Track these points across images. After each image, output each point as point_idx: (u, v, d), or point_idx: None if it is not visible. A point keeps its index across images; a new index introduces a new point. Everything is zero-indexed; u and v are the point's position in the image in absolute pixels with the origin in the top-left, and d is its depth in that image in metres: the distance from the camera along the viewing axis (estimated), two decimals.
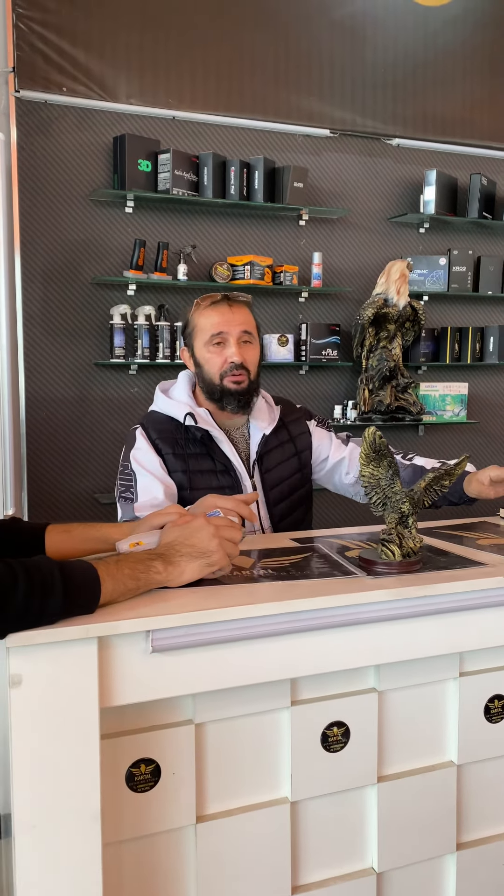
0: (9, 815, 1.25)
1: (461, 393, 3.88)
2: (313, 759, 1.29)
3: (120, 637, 1.07)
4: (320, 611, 1.16)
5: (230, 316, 1.81)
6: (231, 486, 1.81)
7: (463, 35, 3.93)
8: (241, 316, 1.82)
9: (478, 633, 1.33)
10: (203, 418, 1.82)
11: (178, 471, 1.78)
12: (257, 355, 1.87)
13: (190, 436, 1.81)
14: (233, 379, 1.80)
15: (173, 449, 1.80)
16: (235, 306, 1.83)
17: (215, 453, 1.81)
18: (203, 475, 1.78)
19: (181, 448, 1.80)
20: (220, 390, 1.81)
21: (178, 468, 1.78)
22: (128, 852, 1.18)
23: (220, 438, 1.82)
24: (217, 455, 1.81)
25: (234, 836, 1.25)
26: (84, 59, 3.21)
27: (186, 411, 1.81)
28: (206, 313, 1.83)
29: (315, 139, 3.67)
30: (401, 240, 3.90)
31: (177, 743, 1.20)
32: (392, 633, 1.26)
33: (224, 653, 1.14)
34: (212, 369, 1.82)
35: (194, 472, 1.78)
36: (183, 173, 3.27)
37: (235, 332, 1.81)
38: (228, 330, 1.80)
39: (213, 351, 1.81)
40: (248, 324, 1.84)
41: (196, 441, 1.81)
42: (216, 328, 1.80)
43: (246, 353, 1.83)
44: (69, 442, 3.32)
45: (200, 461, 1.80)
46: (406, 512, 1.31)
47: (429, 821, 1.40)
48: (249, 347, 1.84)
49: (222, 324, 1.80)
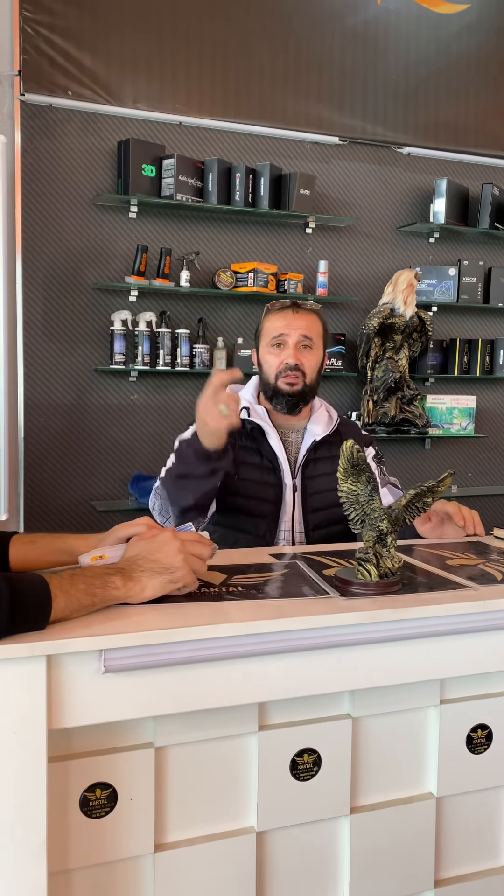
0: None
1: (469, 406, 3.80)
2: (282, 788, 1.23)
3: (70, 656, 1.02)
4: (286, 633, 1.10)
5: (292, 321, 1.89)
6: (274, 483, 1.87)
7: (477, 42, 3.87)
8: (303, 322, 1.90)
9: (458, 659, 1.26)
10: (258, 413, 1.91)
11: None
12: (316, 361, 1.92)
13: (244, 429, 1.88)
14: (286, 380, 1.88)
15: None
16: (301, 313, 1.90)
17: (264, 449, 1.89)
18: (249, 467, 1.87)
19: (232, 438, 1.82)
20: (272, 390, 1.90)
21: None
22: (81, 881, 1.13)
23: (271, 434, 1.88)
24: (265, 451, 1.89)
25: (196, 866, 1.19)
26: (90, 63, 3.19)
27: (244, 405, 1.88)
28: (272, 317, 1.92)
29: (324, 146, 3.63)
30: (410, 249, 3.84)
31: (135, 767, 1.14)
32: (366, 657, 1.19)
33: (183, 674, 1.08)
34: (269, 370, 1.90)
35: (241, 463, 1.85)
36: (187, 179, 3.24)
37: (295, 336, 1.88)
38: (289, 333, 1.89)
39: (272, 352, 1.91)
40: (309, 329, 1.90)
41: (247, 434, 1.89)
42: (277, 331, 1.90)
43: (304, 357, 1.89)
44: (67, 448, 3.29)
45: (249, 454, 1.88)
46: (384, 530, 1.25)
47: (405, 855, 1.33)
48: (308, 352, 1.90)
49: (284, 327, 1.89)
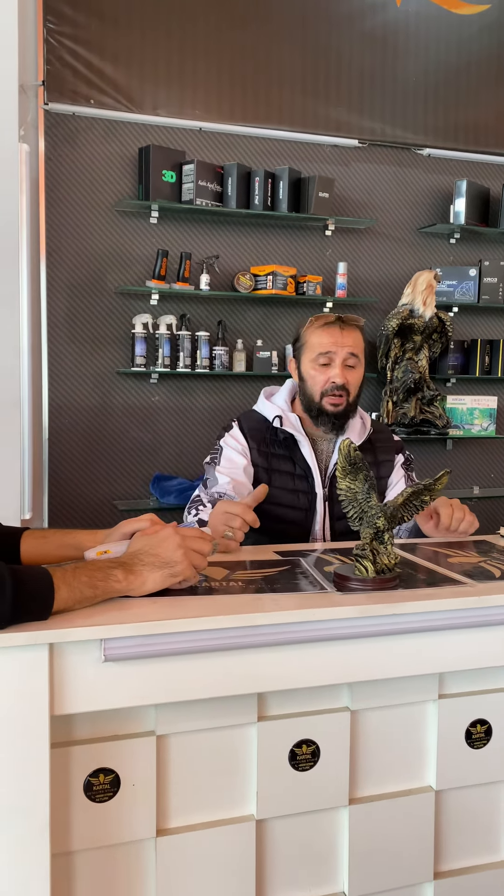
0: None
1: (490, 407, 3.79)
2: (281, 778, 1.26)
3: (72, 645, 1.07)
4: (280, 626, 1.14)
5: (339, 338, 1.88)
6: (306, 490, 1.91)
7: (498, 42, 3.87)
8: (350, 339, 1.89)
9: (454, 654, 1.28)
10: (291, 422, 1.92)
11: (259, 465, 1.90)
12: (360, 378, 1.95)
13: (277, 437, 1.91)
14: (331, 400, 1.88)
15: (259, 446, 1.92)
16: (347, 329, 1.89)
17: (296, 457, 1.91)
18: (282, 475, 1.89)
19: (266, 447, 1.92)
20: (317, 408, 1.90)
21: (259, 463, 1.90)
22: (83, 863, 1.17)
23: (304, 443, 1.91)
24: (298, 459, 1.92)
25: (197, 851, 1.23)
26: (112, 72, 3.26)
27: (277, 413, 1.92)
28: (318, 332, 1.90)
29: (343, 149, 3.65)
30: (430, 250, 3.85)
31: (137, 754, 1.18)
32: (362, 650, 1.22)
33: (181, 664, 1.13)
34: (314, 386, 1.90)
35: (274, 471, 1.90)
36: (207, 184, 3.29)
37: (342, 354, 1.88)
38: (336, 351, 1.88)
39: (318, 369, 1.89)
40: (356, 347, 1.90)
41: (280, 443, 1.92)
42: (324, 348, 1.88)
43: (349, 376, 1.90)
44: (90, 449, 3.36)
45: (282, 462, 1.91)
46: (381, 527, 1.28)
47: (405, 847, 1.35)
48: (353, 371, 1.92)
49: (331, 344, 1.87)
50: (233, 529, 1.54)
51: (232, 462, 1.88)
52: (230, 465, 1.88)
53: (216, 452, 1.93)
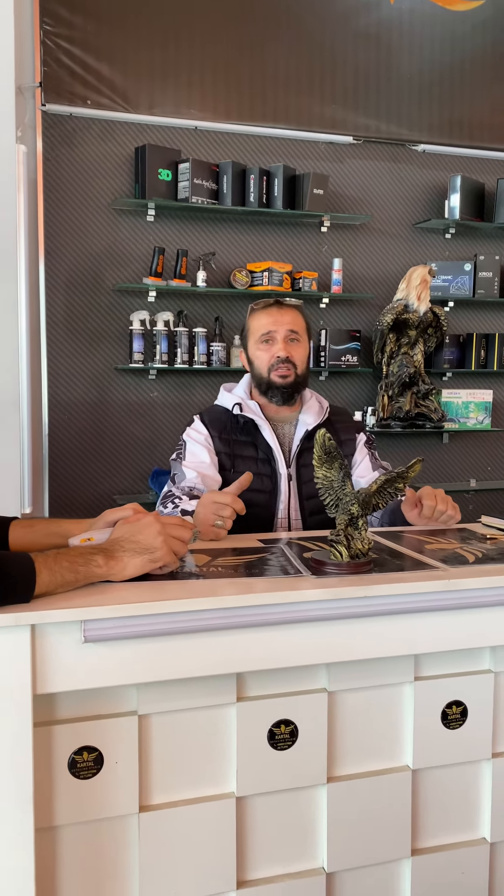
0: None
1: (485, 400, 3.82)
2: (260, 756, 1.31)
3: (54, 626, 1.11)
4: (254, 608, 1.18)
5: (278, 317, 1.98)
6: (270, 473, 1.95)
7: (492, 39, 3.89)
8: (288, 317, 1.98)
9: (427, 636, 1.32)
10: (251, 408, 1.99)
11: (222, 452, 1.95)
12: (305, 353, 2.01)
13: (238, 424, 1.97)
14: (279, 373, 1.95)
15: (220, 433, 1.97)
16: (285, 308, 2.00)
17: (259, 442, 1.96)
18: (245, 460, 1.94)
19: (228, 433, 1.97)
20: (266, 383, 1.97)
21: (222, 450, 1.96)
22: (68, 837, 1.22)
23: (264, 427, 1.96)
24: (260, 443, 1.97)
25: (179, 827, 1.28)
26: (108, 73, 3.30)
27: (237, 401, 1.98)
28: (258, 316, 2.01)
29: (338, 146, 3.68)
30: (426, 245, 3.88)
31: (120, 733, 1.23)
32: (337, 632, 1.26)
33: (160, 645, 1.17)
34: (261, 365, 1.98)
35: (237, 456, 1.95)
36: (203, 182, 3.33)
37: (283, 331, 1.97)
38: (276, 329, 1.97)
39: (262, 348, 1.98)
40: (295, 324, 1.99)
41: (242, 429, 1.97)
42: (265, 328, 1.98)
43: (293, 350, 1.97)
44: (90, 444, 3.41)
45: (244, 447, 1.96)
46: (355, 513, 1.32)
47: (383, 824, 1.40)
48: (297, 345, 1.99)
49: (271, 324, 1.97)
50: (223, 518, 1.59)
51: (196, 455, 1.95)
52: (195, 458, 1.94)
53: (181, 448, 1.99)
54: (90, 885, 1.24)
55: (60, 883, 1.21)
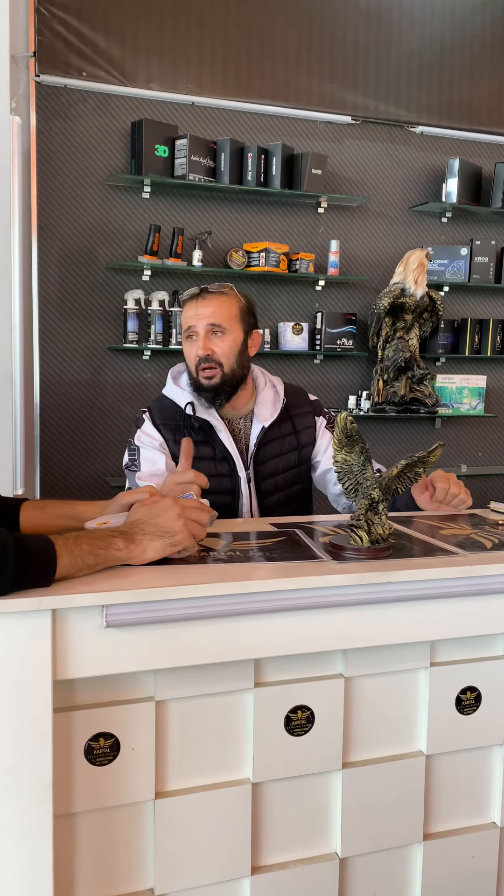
0: None
1: (479, 386, 3.82)
2: (276, 742, 1.29)
3: (75, 611, 1.09)
4: (277, 592, 1.16)
5: (197, 310, 1.82)
6: (229, 473, 1.85)
7: (492, 20, 3.85)
8: (209, 309, 1.81)
9: (446, 622, 1.31)
10: (204, 408, 1.86)
11: (176, 455, 1.82)
12: (230, 346, 1.83)
13: (191, 424, 1.85)
14: (203, 374, 1.82)
15: (175, 436, 1.85)
16: (206, 299, 1.82)
17: (214, 442, 1.84)
18: (202, 462, 1.79)
19: (182, 435, 1.84)
20: (195, 383, 1.85)
21: (177, 453, 1.82)
22: (84, 824, 1.20)
23: (220, 428, 1.85)
24: (216, 444, 1.85)
25: (194, 813, 1.26)
26: (104, 44, 3.22)
27: (188, 400, 1.85)
28: (183, 309, 1.87)
29: (336, 126, 3.63)
30: (422, 229, 3.85)
31: (136, 719, 1.21)
32: (355, 618, 1.25)
33: (180, 631, 1.15)
34: (189, 363, 1.86)
35: (194, 459, 1.80)
36: (200, 159, 3.27)
37: (203, 326, 1.81)
38: (196, 323, 1.82)
39: (187, 345, 1.85)
40: (216, 316, 1.81)
41: (196, 429, 1.85)
42: (187, 323, 1.84)
43: (215, 345, 1.81)
44: (82, 425, 3.36)
45: (200, 448, 1.82)
46: (376, 498, 1.30)
47: (396, 809, 1.39)
48: (220, 338, 1.82)
49: (191, 318, 1.83)
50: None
51: (152, 463, 1.82)
52: (151, 466, 1.82)
53: (134, 454, 1.85)
54: (105, 871, 1.22)
55: (76, 869, 1.20)
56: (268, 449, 1.89)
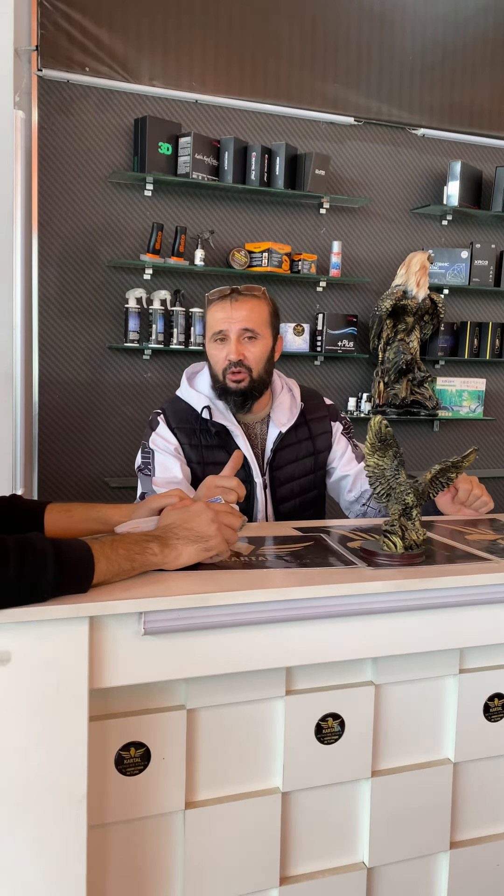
0: None
1: (478, 389, 3.83)
2: (307, 751, 1.27)
3: (112, 618, 1.06)
4: (317, 600, 1.14)
5: (231, 312, 1.77)
6: (245, 479, 1.81)
7: (494, 23, 3.85)
8: (242, 312, 1.77)
9: (478, 629, 1.30)
10: (221, 412, 1.82)
11: (192, 461, 1.80)
12: (262, 352, 1.80)
13: (207, 428, 1.81)
14: (232, 377, 1.78)
15: (190, 440, 1.81)
16: (240, 301, 1.77)
17: (230, 447, 1.80)
18: (217, 468, 1.74)
19: (197, 439, 1.81)
20: (221, 387, 1.81)
21: (193, 459, 1.80)
22: (114, 835, 1.17)
23: (237, 433, 1.81)
24: (232, 449, 1.79)
25: (224, 824, 1.24)
26: (108, 40, 3.18)
27: (205, 404, 1.81)
28: (212, 309, 1.81)
29: (338, 126, 3.62)
30: (423, 231, 3.85)
31: (168, 728, 1.18)
32: (391, 626, 1.23)
33: (217, 638, 1.12)
34: (216, 366, 1.81)
35: (208, 465, 1.79)
36: (203, 157, 3.24)
37: (235, 329, 1.77)
38: (229, 327, 1.77)
39: (216, 347, 1.80)
40: (250, 320, 1.78)
41: (212, 434, 1.81)
42: (218, 325, 1.79)
43: (247, 351, 1.78)
44: (81, 425, 3.32)
45: (215, 454, 1.79)
46: (410, 503, 1.28)
47: (423, 818, 1.38)
48: (252, 344, 1.79)
49: (223, 321, 1.78)
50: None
51: (167, 469, 1.77)
52: (166, 472, 1.77)
53: (148, 457, 1.81)
54: (134, 882, 1.20)
55: (105, 881, 1.17)
56: (284, 454, 1.87)
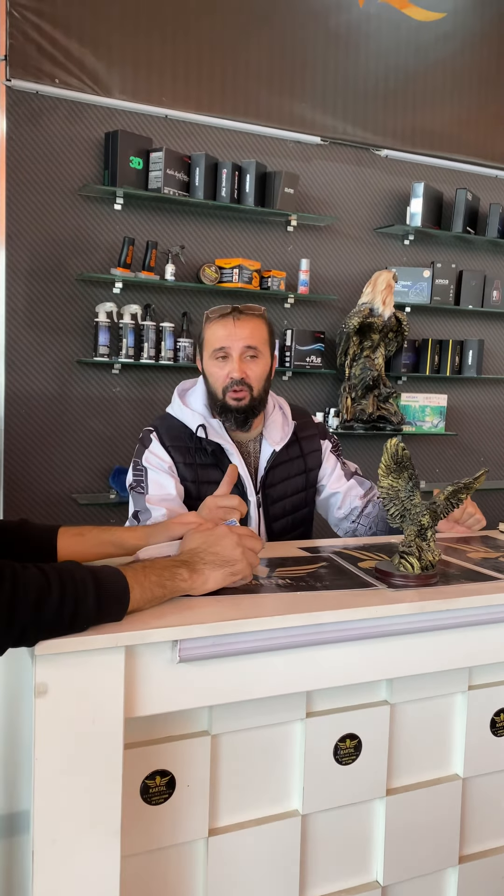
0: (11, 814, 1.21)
1: (441, 405, 3.92)
2: (325, 772, 1.28)
3: (146, 646, 1.05)
4: (347, 623, 1.15)
5: (233, 330, 1.78)
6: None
7: (453, 51, 3.98)
8: (245, 330, 1.78)
9: (491, 646, 1.33)
10: (216, 431, 1.81)
11: (187, 480, 1.79)
12: (262, 371, 1.82)
13: (202, 446, 1.80)
14: (233, 395, 1.78)
15: (184, 458, 1.80)
16: (242, 320, 1.79)
17: (225, 465, 1.79)
18: (211, 486, 1.73)
19: (192, 458, 1.80)
20: (221, 405, 1.81)
21: (187, 477, 1.79)
22: (139, 866, 1.15)
23: (232, 451, 1.81)
24: (226, 467, 1.78)
25: (245, 849, 1.23)
26: (78, 52, 3.16)
27: (200, 422, 1.80)
28: (213, 327, 1.80)
29: (306, 146, 3.67)
30: (386, 250, 3.93)
31: (192, 755, 1.17)
32: (408, 646, 1.25)
33: (247, 664, 1.12)
34: (215, 383, 1.81)
35: (203, 483, 1.78)
36: (175, 173, 3.24)
37: (238, 347, 1.78)
38: (231, 345, 1.78)
39: (216, 365, 1.80)
40: (252, 338, 1.79)
41: (208, 452, 1.81)
42: (220, 342, 1.79)
43: (249, 369, 1.80)
44: (49, 440, 3.26)
45: (210, 472, 1.79)
46: (425, 525, 1.31)
47: (433, 834, 1.40)
48: (254, 362, 1.81)
49: (225, 338, 1.78)
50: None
51: (161, 486, 1.76)
52: (160, 490, 1.76)
53: (140, 475, 1.80)
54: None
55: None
56: (276, 472, 1.88)
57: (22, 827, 1.11)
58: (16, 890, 1.17)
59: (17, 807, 1.16)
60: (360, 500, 1.92)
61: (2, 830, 1.27)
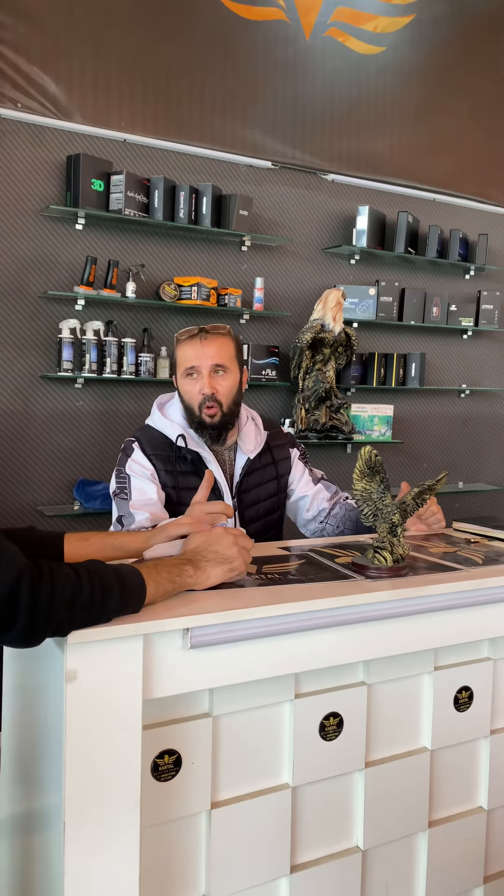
0: (26, 811, 1.31)
1: (387, 414, 4.14)
2: (312, 748, 1.43)
3: (161, 634, 1.17)
4: (333, 609, 1.30)
5: (200, 350, 1.91)
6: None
7: (392, 82, 4.23)
8: (212, 349, 1.92)
9: (454, 630, 1.50)
10: (194, 440, 1.95)
11: (168, 486, 1.91)
12: (231, 385, 1.95)
13: (181, 455, 1.93)
14: (207, 412, 1.91)
15: (165, 466, 1.93)
16: (209, 339, 1.92)
17: (203, 472, 1.90)
18: (190, 492, 1.84)
19: (172, 465, 1.93)
20: (197, 421, 1.94)
21: (168, 484, 1.92)
22: (152, 837, 1.27)
23: (210, 459, 1.94)
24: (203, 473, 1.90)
25: (242, 820, 1.36)
26: (39, 78, 3.25)
27: (179, 433, 1.93)
28: (183, 347, 1.94)
29: (258, 170, 3.85)
30: (334, 269, 4.13)
31: (196, 734, 1.30)
32: (384, 630, 1.41)
33: (248, 649, 1.26)
34: (190, 400, 1.94)
35: (183, 489, 1.91)
36: (135, 195, 3.37)
37: (207, 366, 1.91)
38: (200, 363, 1.91)
39: (188, 383, 1.94)
40: (219, 356, 1.92)
41: (187, 461, 1.94)
42: (189, 362, 1.92)
43: (218, 385, 1.92)
44: (13, 454, 3.32)
45: (189, 479, 1.92)
46: (396, 522, 1.47)
47: (406, 802, 1.56)
48: (222, 378, 1.94)
49: (194, 358, 1.92)
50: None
51: (143, 492, 1.88)
52: (143, 496, 1.87)
53: (123, 482, 1.90)
54: (163, 881, 1.30)
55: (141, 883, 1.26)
56: (251, 479, 2.02)
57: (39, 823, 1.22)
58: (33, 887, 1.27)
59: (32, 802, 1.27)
60: (327, 502, 2.09)
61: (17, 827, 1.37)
